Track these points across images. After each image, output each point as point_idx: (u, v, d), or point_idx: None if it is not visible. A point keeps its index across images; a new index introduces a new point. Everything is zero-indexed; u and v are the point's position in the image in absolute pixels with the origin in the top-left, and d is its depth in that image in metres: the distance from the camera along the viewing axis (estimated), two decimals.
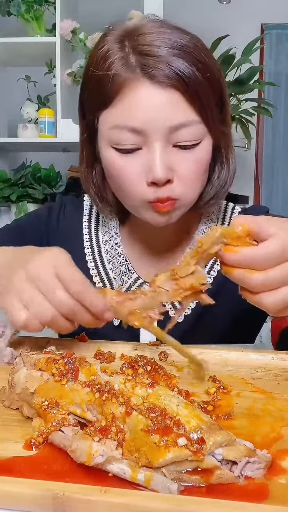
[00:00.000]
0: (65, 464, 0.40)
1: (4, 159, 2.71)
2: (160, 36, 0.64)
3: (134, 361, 0.54)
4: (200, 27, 0.70)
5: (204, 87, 0.65)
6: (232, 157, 0.77)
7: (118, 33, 0.67)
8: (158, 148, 0.65)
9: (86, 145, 0.76)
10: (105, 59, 0.66)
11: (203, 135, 0.67)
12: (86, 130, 0.74)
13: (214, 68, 0.68)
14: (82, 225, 0.87)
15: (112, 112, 0.66)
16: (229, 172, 0.77)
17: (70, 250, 0.87)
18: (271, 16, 3.17)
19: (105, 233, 0.86)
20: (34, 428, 0.44)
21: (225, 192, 0.78)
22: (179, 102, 0.64)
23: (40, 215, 0.89)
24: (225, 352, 0.63)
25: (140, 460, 0.38)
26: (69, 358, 0.48)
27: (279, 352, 0.63)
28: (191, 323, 0.80)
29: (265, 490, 0.37)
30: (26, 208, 2.30)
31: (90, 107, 0.71)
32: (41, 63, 2.38)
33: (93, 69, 0.67)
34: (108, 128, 0.67)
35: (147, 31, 0.65)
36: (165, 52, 0.63)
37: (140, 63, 0.64)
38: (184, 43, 0.64)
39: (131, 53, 0.64)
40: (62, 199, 0.92)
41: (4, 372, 0.54)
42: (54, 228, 0.87)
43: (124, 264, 0.82)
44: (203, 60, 0.65)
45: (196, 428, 0.39)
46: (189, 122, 0.65)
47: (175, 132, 0.65)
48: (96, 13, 2.38)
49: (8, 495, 0.35)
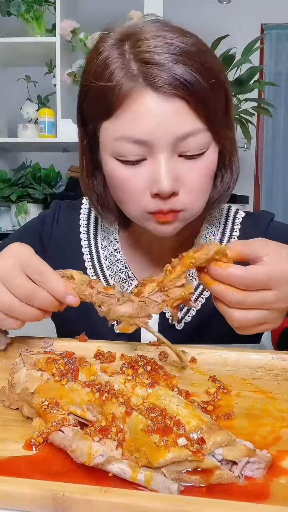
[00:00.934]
0: (65, 464, 0.40)
1: (4, 159, 2.71)
2: (161, 41, 0.61)
3: (134, 361, 0.54)
4: (200, 27, 0.69)
5: (209, 93, 0.63)
6: (236, 160, 0.76)
7: (116, 37, 0.65)
8: (163, 160, 0.63)
9: (86, 152, 0.74)
10: (105, 67, 0.63)
11: (209, 143, 0.66)
12: (86, 137, 0.72)
13: (219, 71, 0.66)
14: (79, 230, 0.86)
15: (115, 123, 0.64)
16: (233, 175, 0.76)
17: (68, 257, 0.87)
18: (271, 16, 3.16)
19: (104, 239, 0.84)
20: (34, 428, 0.44)
21: (228, 195, 0.77)
22: (184, 111, 0.62)
23: (32, 227, 0.88)
24: (225, 352, 0.63)
25: (140, 460, 0.38)
26: (69, 358, 0.48)
27: (279, 352, 0.63)
28: (196, 324, 0.79)
29: (265, 490, 0.37)
30: (26, 208, 2.30)
31: (91, 116, 0.68)
32: (41, 63, 2.38)
33: (92, 79, 0.64)
34: (111, 139, 0.65)
35: (148, 36, 0.62)
36: (168, 59, 0.61)
37: (142, 72, 0.61)
38: (187, 48, 0.62)
39: (132, 60, 0.62)
40: (57, 205, 0.90)
41: (4, 372, 0.54)
42: (48, 238, 0.86)
43: (123, 271, 0.81)
44: (207, 65, 0.63)
45: (196, 428, 0.39)
46: (195, 131, 0.63)
47: (181, 142, 0.63)
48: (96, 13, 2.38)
49: (8, 495, 0.35)
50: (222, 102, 0.67)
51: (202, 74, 0.62)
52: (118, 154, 0.65)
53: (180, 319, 0.79)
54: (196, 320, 0.79)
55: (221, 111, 0.67)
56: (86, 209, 0.88)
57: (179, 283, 0.53)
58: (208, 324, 0.77)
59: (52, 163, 2.42)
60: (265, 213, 0.87)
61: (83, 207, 0.88)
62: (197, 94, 0.62)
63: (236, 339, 0.75)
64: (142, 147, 0.63)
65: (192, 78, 0.61)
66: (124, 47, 0.63)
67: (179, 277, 0.53)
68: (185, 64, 0.61)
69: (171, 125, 0.62)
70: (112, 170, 0.67)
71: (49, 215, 0.88)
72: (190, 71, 0.61)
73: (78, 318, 0.79)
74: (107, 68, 0.63)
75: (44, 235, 0.86)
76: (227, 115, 0.70)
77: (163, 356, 0.62)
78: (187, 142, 0.63)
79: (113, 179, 0.68)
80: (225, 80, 0.68)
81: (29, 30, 2.24)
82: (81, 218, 0.87)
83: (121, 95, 0.62)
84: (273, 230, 0.82)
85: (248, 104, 2.33)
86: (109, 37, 0.66)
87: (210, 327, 0.77)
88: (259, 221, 0.83)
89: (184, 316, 0.80)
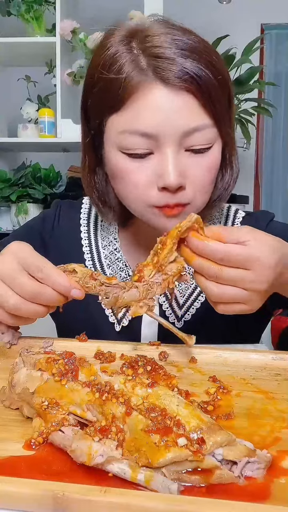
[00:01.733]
0: (65, 464, 0.40)
1: (4, 159, 2.72)
2: (169, 37, 0.62)
3: (134, 361, 0.54)
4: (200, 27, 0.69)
5: (217, 89, 0.64)
6: (236, 159, 0.76)
7: (123, 33, 0.65)
8: (170, 153, 0.64)
9: (88, 149, 0.74)
10: (113, 61, 0.63)
11: (215, 138, 0.66)
12: (90, 134, 0.72)
13: (224, 70, 0.67)
14: (80, 230, 0.86)
15: (122, 116, 0.64)
16: (233, 174, 0.77)
17: (69, 256, 0.88)
18: (271, 16, 3.16)
19: (104, 238, 0.85)
20: (34, 428, 0.44)
21: (228, 194, 0.78)
22: (193, 106, 0.63)
23: (33, 226, 0.89)
24: (225, 352, 0.63)
25: (140, 460, 0.38)
26: (69, 358, 0.48)
27: (279, 352, 0.63)
28: (197, 322, 0.80)
29: (265, 490, 0.37)
30: (26, 208, 2.30)
31: (97, 111, 0.69)
32: (41, 63, 2.38)
33: (100, 73, 0.65)
34: (117, 133, 0.65)
35: (155, 32, 0.63)
36: (177, 53, 0.61)
37: (152, 65, 0.62)
38: (195, 45, 0.63)
39: (141, 55, 0.62)
40: (58, 204, 0.90)
41: (4, 372, 0.54)
42: (49, 237, 0.86)
43: (124, 270, 0.82)
44: (214, 62, 0.64)
45: (196, 428, 0.39)
46: (203, 126, 0.64)
47: (188, 136, 0.64)
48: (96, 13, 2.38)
49: (8, 495, 0.35)
50: (226, 99, 0.68)
51: (210, 70, 0.63)
52: (124, 147, 0.65)
53: (180, 317, 0.80)
54: (197, 318, 0.80)
55: (226, 108, 0.68)
56: (87, 208, 0.88)
57: (172, 257, 0.55)
58: (208, 323, 0.78)
59: (52, 163, 2.42)
60: (265, 213, 0.87)
61: (84, 207, 0.89)
62: (206, 89, 0.63)
63: (237, 338, 0.75)
64: (149, 141, 0.64)
65: (202, 73, 0.62)
66: (132, 43, 0.64)
67: (171, 251, 0.55)
68: (194, 60, 0.62)
69: (179, 119, 0.63)
70: (118, 164, 0.67)
71: (50, 214, 0.89)
72: (200, 67, 0.62)
73: (78, 317, 0.79)
74: (116, 62, 0.63)
75: (45, 234, 0.86)
76: (228, 114, 0.70)
77: (163, 356, 0.63)
78: (194, 136, 0.64)
79: (118, 172, 0.68)
80: (229, 79, 0.69)
81: (29, 30, 2.24)
82: (82, 217, 0.87)
83: (129, 88, 0.62)
84: (273, 230, 0.82)
85: (248, 104, 2.33)
86: (115, 34, 0.66)
87: (210, 326, 0.77)
88: (258, 221, 0.83)
89: (184, 315, 0.80)
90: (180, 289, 0.80)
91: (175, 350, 0.64)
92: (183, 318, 0.80)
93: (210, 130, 0.65)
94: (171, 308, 0.80)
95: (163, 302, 0.80)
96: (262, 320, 0.87)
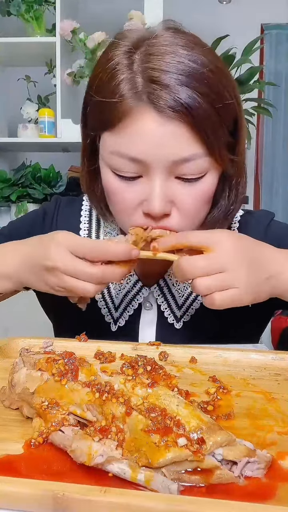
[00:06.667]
0: (65, 464, 0.40)
1: (4, 159, 2.71)
2: (172, 59, 0.59)
3: (134, 361, 0.54)
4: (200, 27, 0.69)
5: (213, 118, 0.61)
6: (243, 184, 0.74)
7: (128, 43, 0.63)
8: (158, 181, 0.62)
9: (87, 153, 0.74)
10: (112, 76, 0.62)
11: (208, 168, 0.64)
12: (88, 139, 0.72)
13: (229, 92, 0.64)
14: (79, 226, 0.85)
15: (114, 136, 0.63)
16: (237, 197, 0.74)
17: None
18: (271, 16, 3.17)
19: (107, 234, 0.84)
20: (34, 428, 0.44)
21: (232, 217, 0.76)
22: (185, 135, 0.60)
23: (35, 218, 0.88)
24: (225, 352, 0.63)
25: (140, 460, 0.38)
26: (69, 358, 0.48)
27: (279, 352, 0.63)
28: (195, 323, 0.79)
29: (265, 490, 0.37)
30: (26, 208, 2.30)
31: (92, 124, 0.68)
32: (41, 63, 2.38)
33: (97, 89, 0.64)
34: (109, 152, 0.64)
35: (159, 50, 0.61)
36: (174, 80, 0.59)
37: (147, 89, 0.60)
38: (197, 68, 0.60)
39: (139, 76, 0.60)
40: (57, 200, 0.90)
41: (4, 372, 0.54)
42: (49, 230, 0.86)
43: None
44: (216, 89, 0.61)
45: (196, 428, 0.39)
46: (193, 157, 0.61)
47: (178, 165, 0.62)
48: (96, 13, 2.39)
49: (8, 495, 0.35)
50: (228, 124, 0.65)
51: (209, 98, 0.60)
52: (114, 167, 0.65)
53: (179, 318, 0.80)
54: (195, 319, 0.80)
55: (226, 135, 0.65)
56: (88, 205, 0.87)
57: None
58: (208, 323, 0.78)
59: (52, 163, 2.42)
60: (265, 212, 0.86)
61: (84, 203, 0.88)
62: (199, 119, 0.60)
63: (236, 338, 0.75)
64: (138, 165, 0.63)
65: (195, 103, 0.59)
66: (135, 56, 0.62)
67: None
68: (192, 88, 0.59)
69: (169, 148, 0.61)
70: (107, 182, 0.67)
71: (50, 207, 0.88)
72: (195, 95, 0.59)
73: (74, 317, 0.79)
74: (114, 77, 0.62)
75: (46, 226, 0.86)
76: (236, 136, 0.68)
77: (163, 356, 0.63)
78: (185, 166, 0.62)
79: (108, 190, 0.68)
80: (236, 100, 0.65)
81: (29, 30, 2.24)
82: (82, 214, 0.87)
83: (122, 111, 0.61)
84: (273, 230, 0.82)
85: (248, 104, 2.33)
86: (121, 43, 0.64)
87: (210, 326, 0.77)
88: (259, 220, 0.83)
89: (183, 315, 0.80)
90: (178, 289, 0.80)
91: (175, 350, 0.64)
92: (182, 319, 0.80)
93: (203, 159, 0.62)
94: (170, 309, 0.80)
95: (161, 303, 0.80)
96: (262, 320, 0.87)
